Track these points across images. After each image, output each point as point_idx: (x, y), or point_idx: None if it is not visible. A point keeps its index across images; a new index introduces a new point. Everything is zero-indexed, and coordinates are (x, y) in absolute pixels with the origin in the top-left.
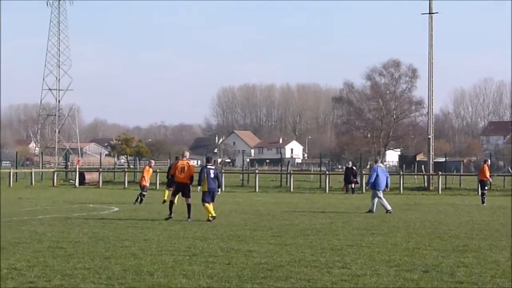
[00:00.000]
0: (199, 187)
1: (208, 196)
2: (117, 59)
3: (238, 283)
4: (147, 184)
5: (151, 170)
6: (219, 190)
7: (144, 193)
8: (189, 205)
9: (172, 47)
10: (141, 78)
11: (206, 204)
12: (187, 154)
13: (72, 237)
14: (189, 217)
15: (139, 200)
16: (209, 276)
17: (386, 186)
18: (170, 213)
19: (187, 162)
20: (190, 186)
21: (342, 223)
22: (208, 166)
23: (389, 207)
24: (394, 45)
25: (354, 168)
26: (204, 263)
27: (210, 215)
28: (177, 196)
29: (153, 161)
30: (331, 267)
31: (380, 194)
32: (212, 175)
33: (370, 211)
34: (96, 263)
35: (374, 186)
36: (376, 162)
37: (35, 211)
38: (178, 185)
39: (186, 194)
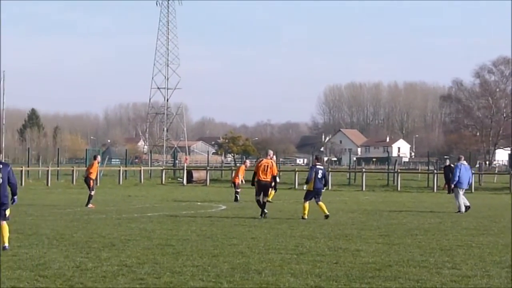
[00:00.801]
0: (305, 185)
1: (311, 195)
2: (224, 57)
3: (346, 282)
4: (240, 182)
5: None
6: (324, 188)
7: (238, 190)
8: (264, 203)
9: (278, 45)
10: (247, 76)
11: (306, 204)
12: (271, 152)
13: (181, 235)
14: (262, 213)
15: (236, 198)
16: (316, 275)
17: (468, 184)
18: (262, 211)
19: (271, 161)
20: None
21: (451, 222)
22: (318, 166)
23: (462, 208)
24: (504, 42)
25: (452, 165)
26: (312, 262)
27: (305, 213)
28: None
29: (248, 161)
30: (440, 267)
31: (462, 192)
32: (320, 175)
33: (460, 211)
34: (204, 261)
35: (456, 184)
36: (459, 159)
37: (144, 208)
38: (260, 184)
39: (266, 194)
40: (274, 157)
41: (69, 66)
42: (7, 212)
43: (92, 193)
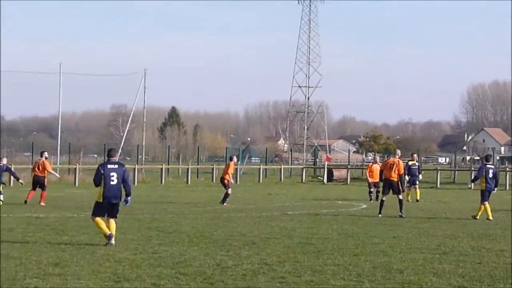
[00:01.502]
0: (471, 184)
1: (486, 194)
2: (365, 56)
3: (490, 282)
4: (372, 181)
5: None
6: (495, 188)
7: (371, 190)
8: (400, 200)
9: (420, 44)
10: (388, 75)
11: (485, 204)
12: (399, 152)
13: (321, 233)
14: (401, 211)
15: (374, 197)
16: (459, 275)
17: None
18: (380, 210)
19: (398, 160)
20: (400, 182)
21: None
22: (488, 165)
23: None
24: None
25: None
26: (455, 262)
27: (479, 214)
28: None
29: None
30: None
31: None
32: (490, 175)
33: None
34: (345, 260)
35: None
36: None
37: (284, 207)
38: (387, 181)
39: (397, 191)
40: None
41: (211, 64)
42: (118, 211)
43: (229, 191)
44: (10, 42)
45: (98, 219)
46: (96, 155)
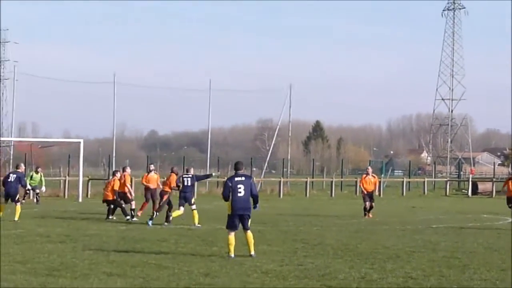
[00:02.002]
0: None
1: None
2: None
3: None
4: None
5: None
6: None
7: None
8: None
9: None
10: None
11: None
12: None
13: (467, 247)
14: None
15: None
16: None
17: None
18: None
19: None
20: None
21: None
22: None
23: None
24: None
25: None
26: None
27: None
28: None
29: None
30: None
31: None
32: None
33: None
34: (492, 275)
35: None
36: None
37: (428, 220)
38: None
39: None
40: None
41: (353, 77)
42: (249, 222)
43: (366, 204)
44: (164, 62)
45: (231, 238)
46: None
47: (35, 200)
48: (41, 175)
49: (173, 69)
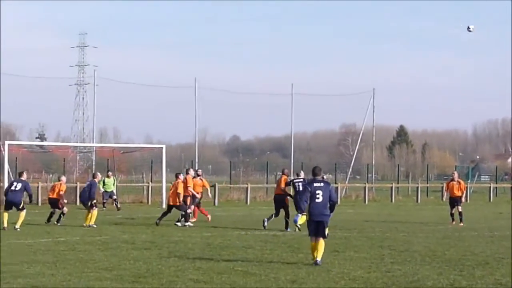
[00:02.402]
0: None
1: None
2: None
3: None
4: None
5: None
6: None
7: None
8: None
9: None
10: None
11: None
12: None
13: None
14: None
15: None
16: None
17: None
18: None
19: None
20: None
21: None
22: None
23: None
24: None
25: None
26: None
27: None
28: None
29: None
30: None
31: None
32: None
33: None
34: None
35: None
36: None
37: None
38: None
39: None
40: None
41: (437, 81)
42: (326, 230)
43: (452, 210)
44: (245, 66)
45: (312, 244)
46: (328, 174)
47: (115, 206)
48: (114, 179)
49: (254, 74)
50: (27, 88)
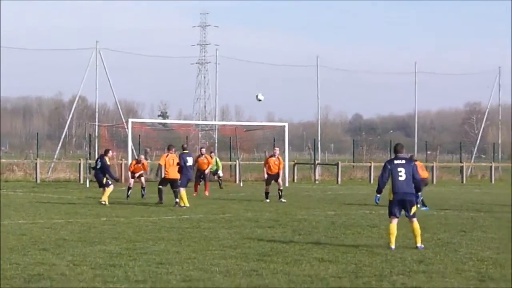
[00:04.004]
0: None
1: None
2: None
3: None
4: None
5: None
6: None
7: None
8: None
9: None
10: None
11: None
12: None
13: None
14: None
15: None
16: None
17: None
18: None
19: None
20: None
21: None
22: None
23: None
24: None
25: None
26: None
27: None
28: None
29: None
30: None
31: None
32: None
33: None
34: None
35: None
36: None
37: None
38: None
39: None
40: None
41: None
42: (413, 209)
43: None
44: (367, 45)
45: (392, 227)
46: (452, 154)
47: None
48: (216, 159)
49: (378, 53)
50: (150, 66)
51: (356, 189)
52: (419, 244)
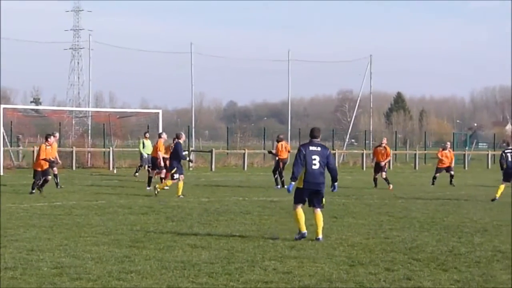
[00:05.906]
0: None
1: None
2: None
3: None
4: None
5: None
6: None
7: None
8: None
9: None
10: None
11: None
12: None
13: None
14: None
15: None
16: None
17: None
18: None
19: None
20: None
21: None
22: None
23: None
24: None
25: None
26: None
27: None
28: None
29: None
30: None
31: None
32: None
33: None
34: None
35: None
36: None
37: None
38: None
39: None
40: None
41: (435, 48)
42: (323, 200)
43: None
44: (242, 32)
45: (299, 211)
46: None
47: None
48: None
49: (252, 40)
50: (22, 52)
51: (230, 176)
52: (320, 236)
